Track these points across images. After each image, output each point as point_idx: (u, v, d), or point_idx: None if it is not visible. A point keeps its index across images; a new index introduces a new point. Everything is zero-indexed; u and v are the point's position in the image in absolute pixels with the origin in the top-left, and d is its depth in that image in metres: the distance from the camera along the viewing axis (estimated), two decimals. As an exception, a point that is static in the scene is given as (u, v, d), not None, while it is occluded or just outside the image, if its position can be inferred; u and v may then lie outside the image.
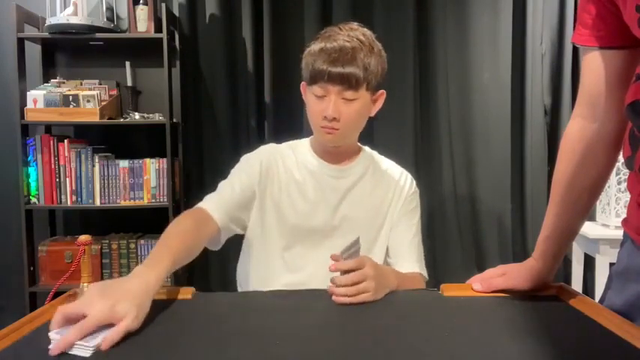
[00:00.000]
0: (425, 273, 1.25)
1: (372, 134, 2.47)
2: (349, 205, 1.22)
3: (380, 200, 1.25)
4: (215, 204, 1.14)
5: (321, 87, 1.11)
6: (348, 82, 1.09)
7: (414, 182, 1.30)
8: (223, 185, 1.21)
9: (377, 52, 1.15)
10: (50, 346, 0.68)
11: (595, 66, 0.86)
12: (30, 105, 2.20)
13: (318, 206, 1.21)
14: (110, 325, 0.74)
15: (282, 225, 1.21)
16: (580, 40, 0.86)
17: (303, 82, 1.21)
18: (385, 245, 1.25)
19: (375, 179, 1.26)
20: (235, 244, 1.30)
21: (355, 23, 1.17)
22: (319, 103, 1.12)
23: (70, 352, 0.69)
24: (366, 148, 1.31)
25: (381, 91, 1.19)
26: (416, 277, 1.22)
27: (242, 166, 1.24)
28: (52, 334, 0.71)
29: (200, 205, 1.15)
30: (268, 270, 1.23)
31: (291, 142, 1.29)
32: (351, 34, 1.13)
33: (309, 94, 1.15)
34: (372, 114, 1.20)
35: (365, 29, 1.17)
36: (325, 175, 1.22)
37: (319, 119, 1.13)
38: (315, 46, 1.13)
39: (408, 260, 1.23)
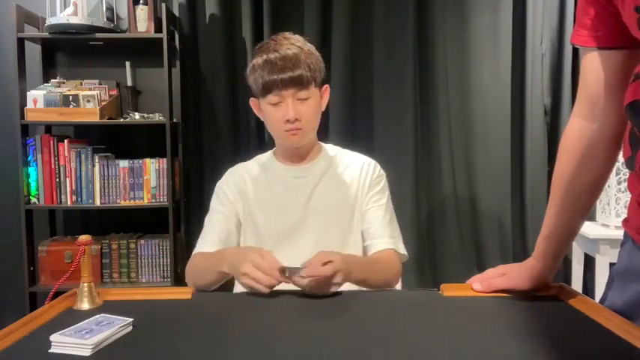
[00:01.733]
0: (401, 250, 1.28)
1: (372, 134, 2.47)
2: (317, 201, 1.28)
3: (347, 192, 1.30)
4: (210, 246, 1.22)
5: (276, 94, 1.18)
6: (300, 83, 1.18)
7: (379, 167, 1.35)
8: (208, 223, 1.28)
9: (313, 52, 1.24)
10: None
11: (594, 66, 0.86)
12: (30, 105, 2.20)
13: (288, 208, 1.27)
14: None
15: (258, 234, 1.27)
16: (579, 40, 0.87)
17: (252, 99, 1.28)
18: (359, 234, 1.29)
19: (340, 172, 1.32)
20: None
21: (287, 33, 1.26)
22: (277, 110, 1.20)
23: (70, 352, 0.69)
24: (328, 145, 1.37)
25: (325, 86, 1.27)
26: (387, 254, 1.25)
27: (219, 197, 1.31)
28: (53, 336, 0.71)
29: (197, 251, 1.23)
30: None
31: (257, 157, 1.37)
32: (287, 42, 1.21)
33: (265, 105, 1.22)
34: (323, 108, 1.28)
35: (296, 36, 1.25)
36: (289, 177, 1.29)
37: (281, 124, 1.20)
38: (258, 60, 1.20)
39: (381, 237, 1.27)
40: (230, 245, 1.26)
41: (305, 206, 1.27)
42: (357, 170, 1.32)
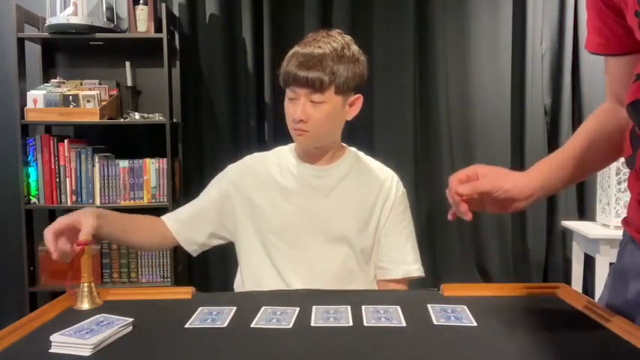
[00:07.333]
0: (417, 273, 1.25)
1: (373, 134, 2.48)
2: (332, 203, 1.23)
3: (365, 198, 1.25)
4: (174, 221, 1.28)
5: (292, 90, 1.15)
6: (313, 86, 1.13)
7: (401, 183, 1.31)
8: (197, 199, 1.32)
9: (349, 57, 1.15)
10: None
11: (612, 69, 0.88)
12: (30, 105, 2.20)
13: (301, 207, 1.23)
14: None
15: (266, 230, 1.23)
16: (593, 47, 0.88)
17: None
18: (372, 243, 1.25)
19: (360, 178, 1.27)
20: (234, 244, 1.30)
21: (336, 31, 1.20)
22: (291, 105, 1.17)
23: (70, 352, 0.69)
24: (352, 149, 1.32)
25: (357, 95, 1.21)
26: (398, 286, 1.24)
27: (219, 180, 1.32)
28: (53, 336, 0.71)
29: (162, 218, 1.29)
30: (258, 275, 1.23)
31: (277, 148, 1.33)
32: (324, 40, 1.15)
33: (286, 97, 1.19)
34: (348, 118, 1.23)
35: (344, 36, 1.19)
36: (306, 176, 1.24)
37: (290, 121, 1.17)
38: (291, 51, 1.17)
39: (399, 264, 1.24)
40: (193, 228, 1.27)
41: (318, 207, 1.22)
42: (379, 179, 1.27)
